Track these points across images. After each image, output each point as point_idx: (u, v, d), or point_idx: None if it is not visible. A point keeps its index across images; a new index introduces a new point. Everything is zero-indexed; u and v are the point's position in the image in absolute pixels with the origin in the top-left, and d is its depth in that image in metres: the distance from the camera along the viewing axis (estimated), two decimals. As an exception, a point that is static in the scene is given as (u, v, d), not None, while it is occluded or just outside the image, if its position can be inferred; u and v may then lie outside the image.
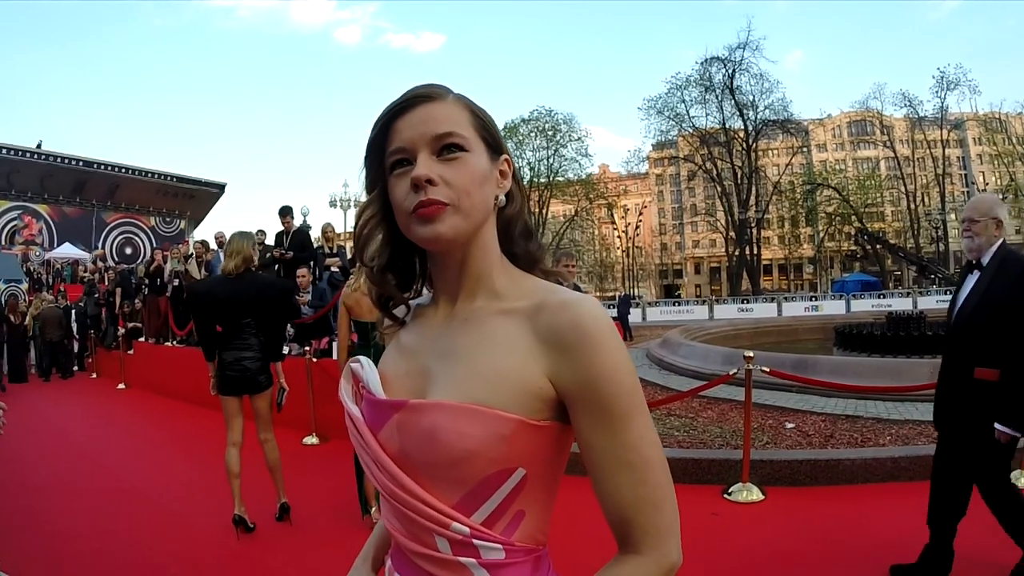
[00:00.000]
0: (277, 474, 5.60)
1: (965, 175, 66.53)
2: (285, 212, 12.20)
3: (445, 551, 1.02)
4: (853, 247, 59.64)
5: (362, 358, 1.20)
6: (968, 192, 65.01)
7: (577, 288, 7.76)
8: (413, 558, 1.06)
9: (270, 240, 12.97)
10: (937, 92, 56.60)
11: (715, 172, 57.63)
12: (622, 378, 1.00)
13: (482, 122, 1.12)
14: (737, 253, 57.16)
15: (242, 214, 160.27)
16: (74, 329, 19.90)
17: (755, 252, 57.20)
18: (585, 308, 1.01)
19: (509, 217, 1.17)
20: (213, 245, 13.98)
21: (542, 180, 59.04)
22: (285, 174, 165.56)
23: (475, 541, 1.01)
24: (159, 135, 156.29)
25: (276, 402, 5.66)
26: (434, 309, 1.19)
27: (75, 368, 19.45)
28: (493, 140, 1.13)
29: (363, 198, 1.17)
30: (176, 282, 13.42)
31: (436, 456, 1.00)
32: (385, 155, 1.10)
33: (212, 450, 5.37)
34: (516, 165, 1.17)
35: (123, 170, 43.53)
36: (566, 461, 1.09)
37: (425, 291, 1.25)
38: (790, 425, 7.42)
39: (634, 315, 30.71)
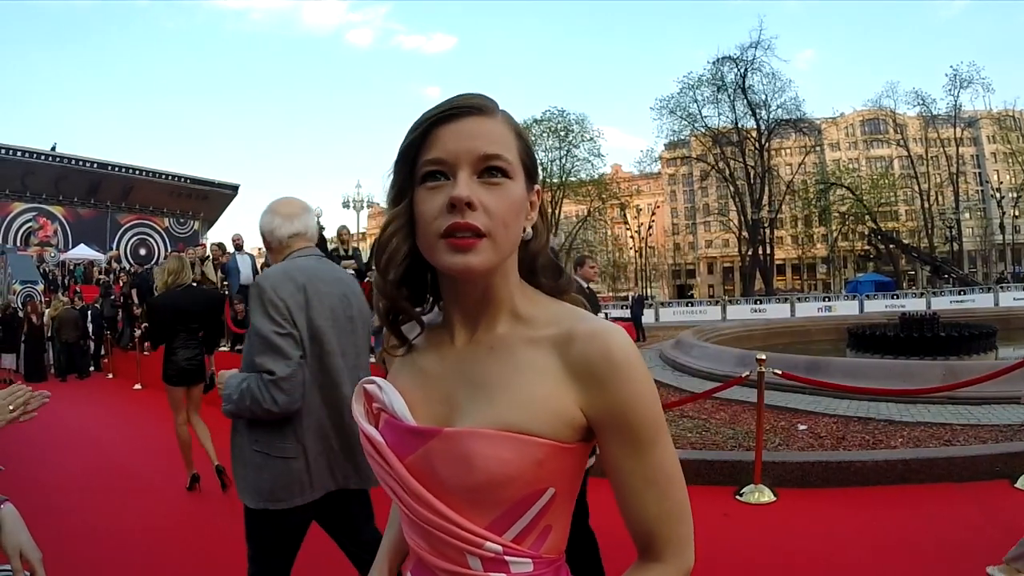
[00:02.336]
0: (209, 444, 6.68)
1: (979, 174, 66.11)
2: (300, 215, 12.28)
3: (476, 568, 1.03)
4: (867, 247, 59.20)
5: (378, 379, 1.17)
6: (983, 191, 64.63)
7: (591, 291, 7.80)
8: (441, 574, 1.07)
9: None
10: (950, 90, 56.17)
11: (728, 172, 57.29)
12: (648, 406, 1.02)
13: (526, 147, 1.08)
14: (750, 253, 56.82)
15: (255, 215, 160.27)
16: (90, 330, 20.05)
17: (768, 252, 56.93)
18: (614, 339, 1.02)
19: (534, 252, 1.13)
20: (230, 248, 14.04)
21: (555, 180, 58.84)
22: (298, 175, 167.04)
23: (507, 558, 1.03)
24: (172, 137, 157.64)
25: (206, 384, 6.91)
26: (449, 333, 1.15)
27: (91, 368, 19.60)
28: (533, 168, 1.09)
29: (376, 200, 1.13)
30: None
31: (472, 481, 1.00)
32: (418, 163, 1.03)
33: (225, 450, 5.47)
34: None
35: (137, 171, 43.74)
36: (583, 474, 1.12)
37: (436, 310, 1.21)
38: (802, 427, 7.42)
39: (647, 315, 30.65)
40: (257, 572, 2.85)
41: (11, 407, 2.12)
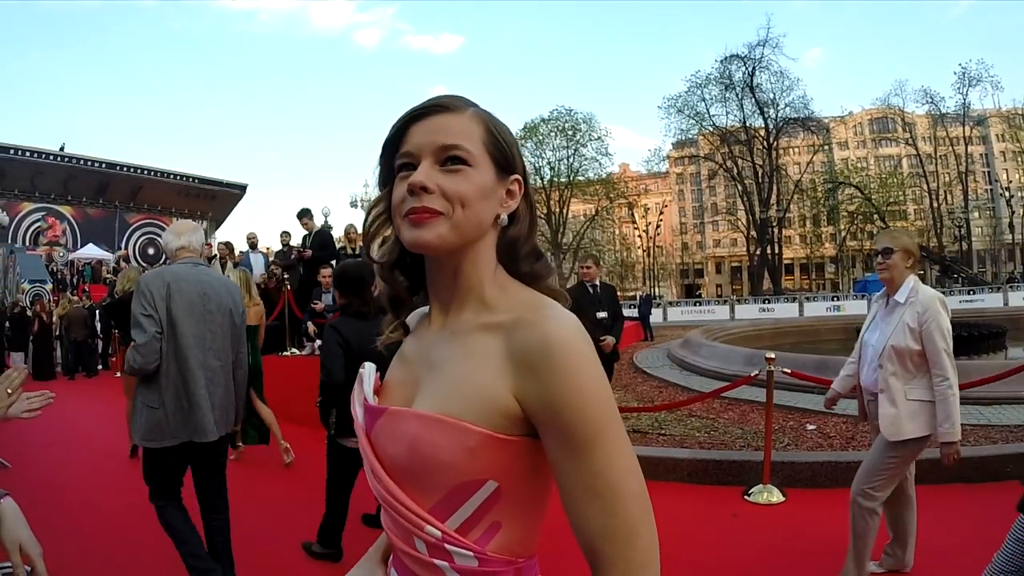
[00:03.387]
0: None
1: (988, 173, 65.77)
2: (303, 214, 12.33)
3: (422, 552, 1.05)
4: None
5: (368, 364, 1.23)
6: (992, 190, 64.36)
7: (598, 288, 7.80)
8: (401, 556, 1.11)
9: (295, 241, 13.11)
10: (959, 88, 55.92)
11: (736, 171, 57.19)
12: (588, 403, 0.98)
13: (495, 140, 1.13)
14: (758, 252, 56.76)
15: (263, 214, 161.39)
16: (98, 328, 20.12)
17: (776, 251, 56.87)
18: (557, 327, 1.01)
19: (514, 237, 1.17)
20: (244, 246, 14.14)
21: (562, 180, 58.81)
22: (306, 175, 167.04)
23: (447, 546, 1.03)
24: (180, 137, 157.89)
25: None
26: (429, 319, 1.21)
27: (99, 367, 19.66)
28: (503, 159, 1.13)
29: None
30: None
31: (412, 462, 1.04)
32: (395, 156, 1.13)
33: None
34: (536, 166, 1.18)
35: (145, 171, 43.88)
36: (550, 476, 1.07)
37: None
38: (811, 427, 7.40)
39: (655, 315, 30.63)
40: (151, 490, 3.97)
41: (9, 390, 2.16)
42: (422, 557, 1.05)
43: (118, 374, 18.28)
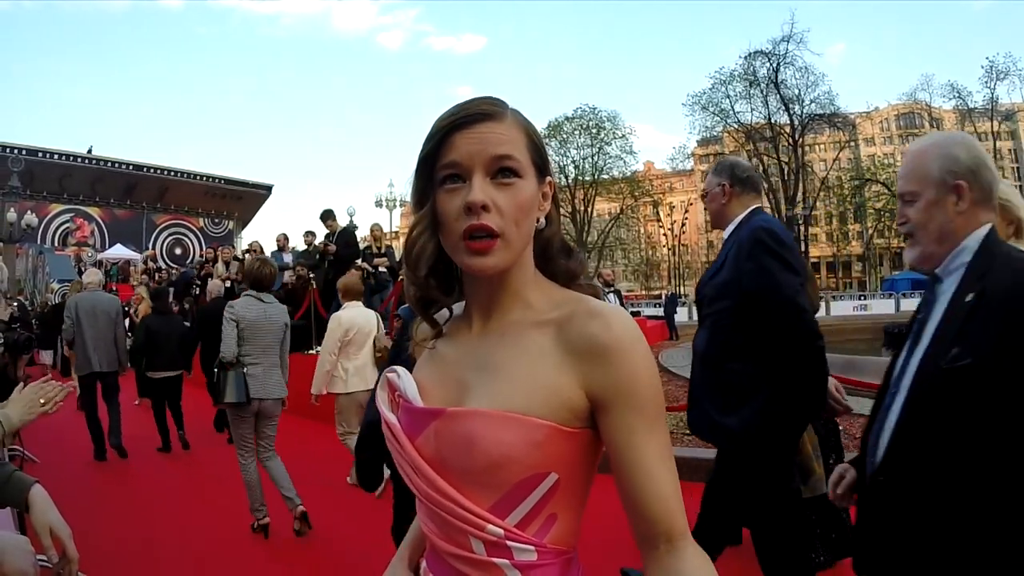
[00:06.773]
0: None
1: (1017, 168, 64.94)
2: (326, 216, 12.39)
3: (479, 552, 1.05)
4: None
5: (399, 368, 1.22)
6: (1021, 186, 63.57)
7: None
8: (448, 559, 1.10)
9: (319, 241, 13.20)
10: (986, 82, 54.71)
11: (761, 168, 56.49)
12: (653, 382, 1.05)
13: (535, 144, 1.13)
14: (784, 251, 56.23)
15: (289, 215, 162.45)
16: (126, 326, 20.28)
17: (803, 250, 56.24)
18: (615, 316, 1.06)
19: (547, 238, 1.19)
20: (274, 247, 14.32)
21: (587, 178, 58.53)
22: (331, 175, 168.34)
23: (508, 543, 1.04)
24: (206, 139, 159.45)
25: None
26: (467, 323, 1.21)
27: (128, 364, 19.79)
28: (542, 163, 1.14)
29: (408, 199, 1.19)
30: (228, 283, 13.63)
31: (472, 462, 1.04)
32: (436, 167, 1.10)
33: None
34: (560, 164, 1.18)
35: (172, 173, 44.34)
36: (596, 467, 1.12)
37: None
38: (838, 426, 7.33)
39: (680, 314, 30.38)
40: (82, 402, 8.21)
41: (42, 400, 2.22)
42: (479, 558, 1.06)
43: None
